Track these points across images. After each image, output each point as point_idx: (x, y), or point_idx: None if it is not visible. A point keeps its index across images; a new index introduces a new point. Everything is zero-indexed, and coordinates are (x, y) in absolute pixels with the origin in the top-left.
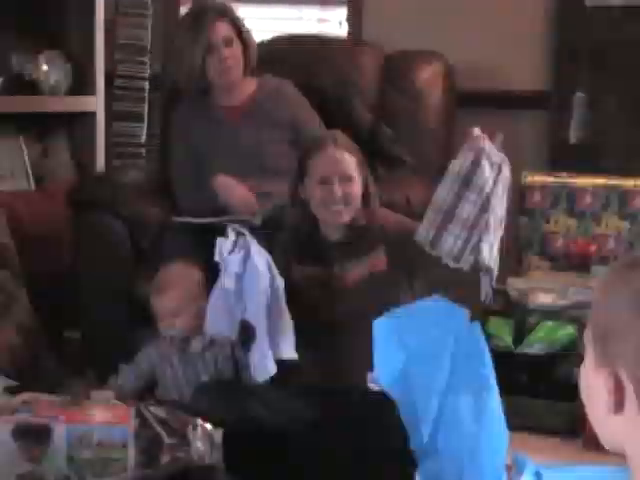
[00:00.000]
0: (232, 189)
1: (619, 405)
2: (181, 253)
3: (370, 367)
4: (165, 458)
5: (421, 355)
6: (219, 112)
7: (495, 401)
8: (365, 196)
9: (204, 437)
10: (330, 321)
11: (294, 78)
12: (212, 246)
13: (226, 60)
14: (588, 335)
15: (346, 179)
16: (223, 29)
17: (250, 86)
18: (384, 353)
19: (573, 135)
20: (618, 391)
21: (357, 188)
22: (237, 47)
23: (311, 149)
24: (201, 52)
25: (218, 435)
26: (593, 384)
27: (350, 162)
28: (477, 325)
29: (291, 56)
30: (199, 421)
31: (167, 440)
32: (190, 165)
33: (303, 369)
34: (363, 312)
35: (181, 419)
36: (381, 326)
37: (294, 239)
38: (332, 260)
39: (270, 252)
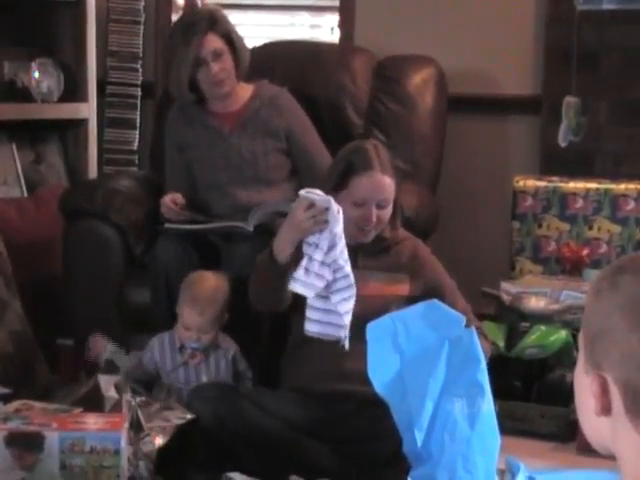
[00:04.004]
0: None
1: (606, 408)
2: (173, 260)
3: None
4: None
5: (415, 360)
6: (213, 118)
7: (489, 406)
8: (393, 214)
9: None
10: None
11: (286, 84)
12: (203, 252)
13: (216, 75)
14: (580, 338)
15: (383, 204)
16: (213, 43)
17: (246, 92)
18: (378, 356)
19: (562, 139)
20: (604, 394)
21: (390, 211)
22: (227, 58)
23: (357, 166)
24: (189, 67)
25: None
26: (582, 386)
27: (391, 187)
28: (473, 331)
29: (283, 62)
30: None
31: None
32: (182, 171)
33: (307, 372)
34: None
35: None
36: (375, 329)
37: None
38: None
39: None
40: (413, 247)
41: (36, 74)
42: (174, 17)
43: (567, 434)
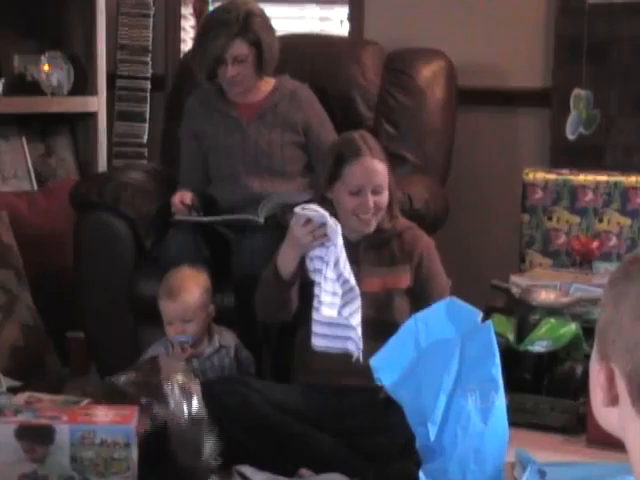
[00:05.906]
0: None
1: (612, 399)
2: (184, 252)
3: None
4: (144, 417)
5: (430, 354)
6: (233, 108)
7: (502, 401)
8: (389, 203)
9: (181, 391)
10: None
11: (295, 77)
12: (214, 245)
13: (232, 77)
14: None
15: (379, 190)
16: (237, 49)
17: (267, 85)
18: (396, 353)
19: (570, 132)
20: (611, 385)
21: (386, 197)
22: (248, 64)
23: (347, 155)
24: (210, 62)
25: (196, 387)
26: (592, 376)
27: (383, 172)
28: (489, 326)
29: (294, 55)
30: (175, 376)
31: (143, 400)
32: (197, 162)
33: (315, 371)
34: (372, 320)
35: (155, 378)
36: (404, 329)
37: None
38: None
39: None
40: (414, 238)
41: (46, 67)
42: (184, 10)
43: (577, 427)
